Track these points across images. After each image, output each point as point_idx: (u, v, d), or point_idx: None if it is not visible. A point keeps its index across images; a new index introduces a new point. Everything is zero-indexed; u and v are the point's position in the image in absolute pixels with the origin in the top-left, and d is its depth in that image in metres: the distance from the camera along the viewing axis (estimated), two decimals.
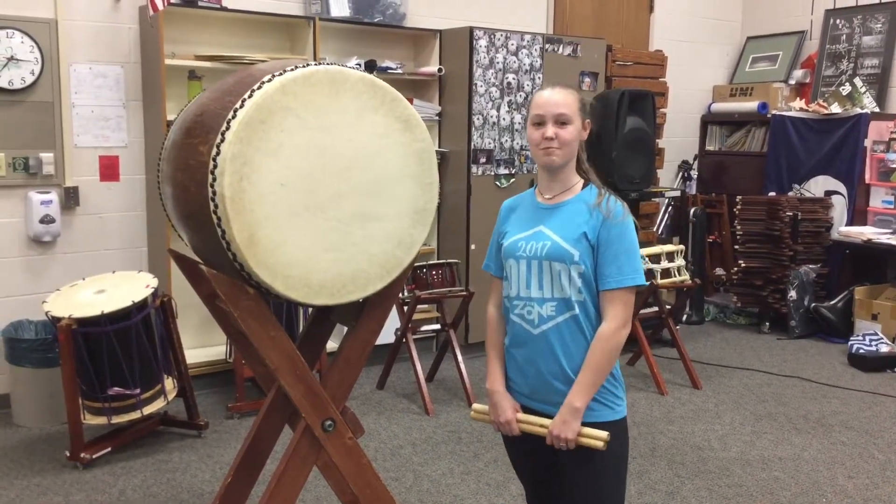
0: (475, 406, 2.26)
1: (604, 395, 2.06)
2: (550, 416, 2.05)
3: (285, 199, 2.14)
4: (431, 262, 4.65)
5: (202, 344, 4.66)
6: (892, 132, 5.94)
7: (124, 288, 3.71)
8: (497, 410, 2.14)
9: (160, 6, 4.02)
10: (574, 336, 2.04)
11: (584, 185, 2.13)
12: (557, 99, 2.06)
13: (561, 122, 2.05)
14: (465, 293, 4.54)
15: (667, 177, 6.84)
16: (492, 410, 2.16)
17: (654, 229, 6.38)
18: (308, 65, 2.21)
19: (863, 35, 6.43)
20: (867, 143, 5.95)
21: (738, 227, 6.13)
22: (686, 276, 5.05)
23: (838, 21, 6.61)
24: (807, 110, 6.29)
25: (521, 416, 2.12)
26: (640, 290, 3.84)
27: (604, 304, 2.03)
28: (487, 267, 2.27)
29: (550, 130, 2.04)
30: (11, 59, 4.07)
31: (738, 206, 6.13)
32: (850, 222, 6.00)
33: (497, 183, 5.25)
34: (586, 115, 2.11)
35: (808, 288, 5.86)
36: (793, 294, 5.86)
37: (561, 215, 2.08)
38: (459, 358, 4.50)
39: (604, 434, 1.99)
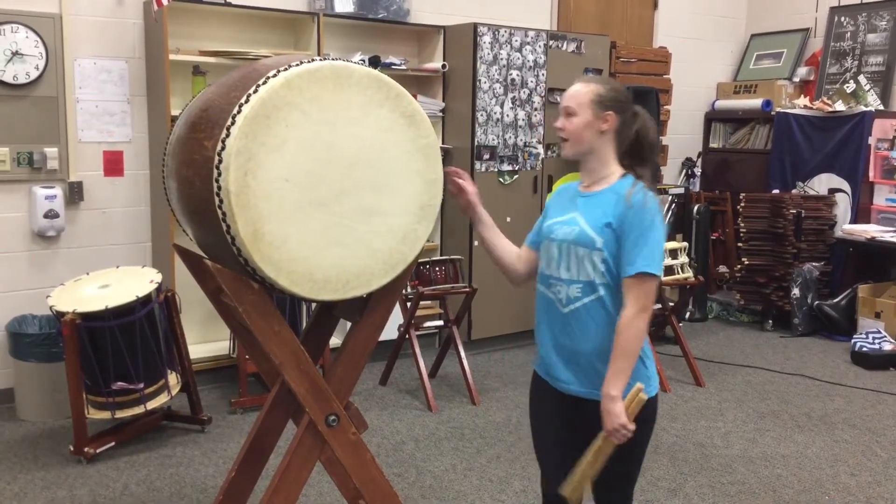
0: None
1: (634, 374, 2.12)
2: (576, 389, 2.17)
3: (290, 194, 2.14)
4: (435, 258, 4.65)
5: (206, 339, 4.67)
6: None
7: (128, 283, 3.72)
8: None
9: (164, 1, 4.02)
10: (599, 316, 2.14)
11: (623, 176, 2.19)
12: (568, 92, 2.21)
13: (567, 114, 2.19)
14: (468, 289, 4.54)
15: (670, 174, 6.83)
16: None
17: None
18: (312, 60, 2.20)
19: (867, 33, 6.42)
20: (871, 140, 5.93)
21: (742, 225, 6.12)
22: (689, 274, 5.05)
23: (843, 18, 6.59)
24: (811, 108, 6.27)
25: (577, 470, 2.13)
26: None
27: (624, 291, 2.10)
28: (527, 240, 2.40)
29: (559, 122, 2.21)
30: (16, 53, 4.08)
31: (742, 204, 6.13)
32: (854, 220, 5.99)
33: (500, 179, 5.25)
34: (604, 107, 2.16)
35: (811, 286, 5.85)
36: (796, 292, 5.86)
37: (592, 203, 2.19)
38: (462, 354, 4.50)
39: (636, 385, 2.07)
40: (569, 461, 2.20)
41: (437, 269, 4.52)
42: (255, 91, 2.11)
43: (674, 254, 5.02)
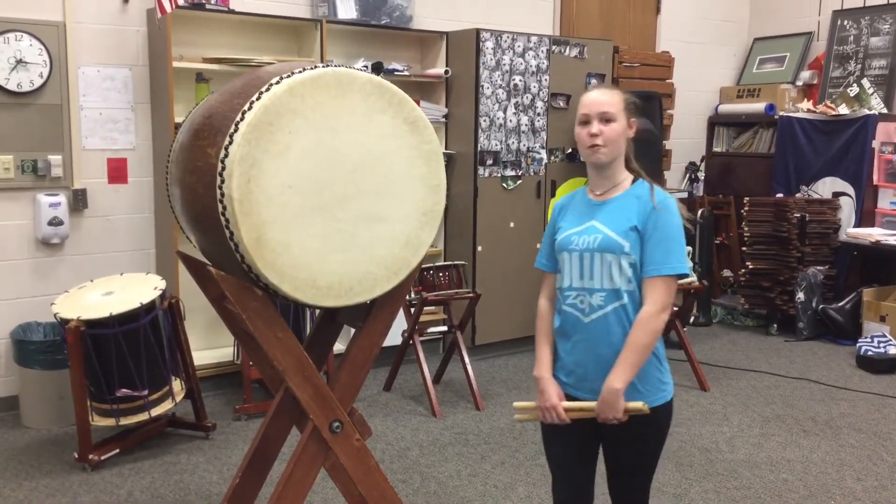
0: (517, 405, 2.31)
1: (651, 381, 2.17)
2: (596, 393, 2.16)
3: (293, 200, 2.15)
4: (438, 263, 4.65)
5: (210, 345, 4.67)
6: None
7: (132, 290, 3.73)
8: (543, 396, 2.21)
9: (168, 9, 4.03)
10: (622, 324, 2.14)
11: (634, 181, 2.22)
12: (601, 98, 2.17)
13: (605, 119, 2.15)
14: (471, 295, 4.54)
15: (674, 178, 6.82)
16: (538, 396, 2.23)
17: None
18: (315, 67, 2.21)
19: (870, 36, 6.41)
20: (875, 144, 5.93)
21: (746, 229, 6.11)
22: (693, 278, 5.04)
23: (846, 22, 6.59)
24: (814, 111, 6.27)
25: (567, 403, 2.20)
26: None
27: (645, 290, 2.13)
28: (540, 264, 2.35)
29: (595, 127, 2.15)
30: (20, 61, 4.09)
31: (746, 208, 6.12)
32: (858, 224, 5.98)
33: (504, 185, 5.25)
34: (632, 114, 2.21)
35: (815, 289, 5.84)
36: (800, 296, 5.84)
37: (611, 209, 2.18)
38: (466, 360, 4.50)
39: (642, 403, 2.10)
40: (578, 457, 2.26)
41: (440, 274, 4.52)
42: (258, 98, 2.11)
43: None
